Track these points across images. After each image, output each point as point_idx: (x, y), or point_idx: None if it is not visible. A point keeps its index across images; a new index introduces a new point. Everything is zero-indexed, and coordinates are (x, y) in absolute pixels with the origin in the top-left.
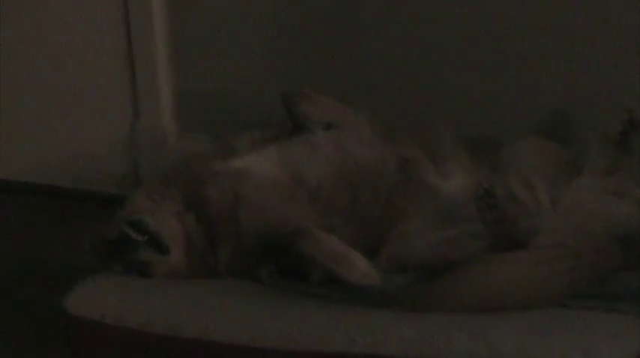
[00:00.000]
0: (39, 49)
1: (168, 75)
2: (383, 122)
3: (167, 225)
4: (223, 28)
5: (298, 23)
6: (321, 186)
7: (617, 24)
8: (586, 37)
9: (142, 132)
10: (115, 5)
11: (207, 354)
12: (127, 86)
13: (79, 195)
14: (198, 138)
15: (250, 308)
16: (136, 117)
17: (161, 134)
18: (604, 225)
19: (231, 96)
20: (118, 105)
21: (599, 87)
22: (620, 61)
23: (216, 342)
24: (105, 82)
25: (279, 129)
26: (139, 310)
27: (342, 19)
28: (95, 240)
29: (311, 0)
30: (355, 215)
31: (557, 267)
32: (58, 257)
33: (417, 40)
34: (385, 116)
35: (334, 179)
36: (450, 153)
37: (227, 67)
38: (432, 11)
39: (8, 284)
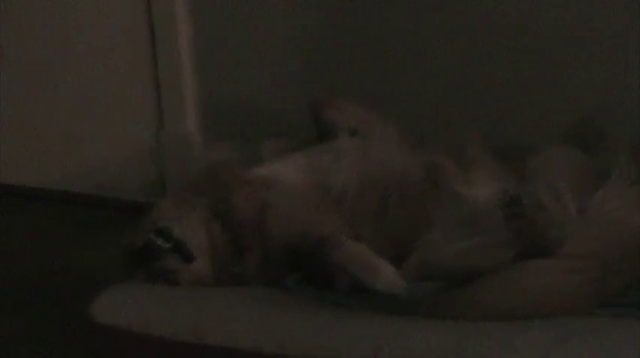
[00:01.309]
0: (64, 58)
1: (193, 83)
2: (410, 129)
3: (193, 233)
4: (248, 37)
5: (323, 31)
6: (348, 193)
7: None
8: (616, 44)
9: (167, 140)
10: (140, 13)
11: None
12: (152, 94)
13: (105, 202)
14: (224, 146)
15: (277, 316)
16: (161, 126)
17: (186, 142)
18: (631, 234)
19: (256, 104)
20: (143, 113)
21: (628, 95)
22: None
23: (243, 350)
24: (130, 90)
25: (305, 136)
26: (165, 318)
27: (367, 26)
28: (122, 248)
29: (336, 8)
30: (382, 222)
31: (584, 276)
32: (84, 265)
33: (445, 48)
34: (412, 124)
35: (361, 186)
36: (477, 161)
37: (252, 76)
38: (461, 20)
39: (34, 293)
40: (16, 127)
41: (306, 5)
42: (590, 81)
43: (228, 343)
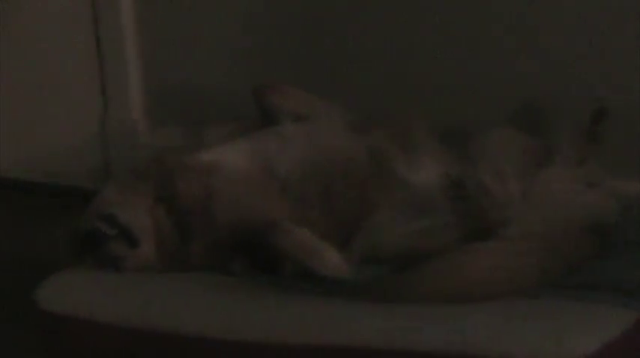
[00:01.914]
0: (6, 44)
1: (138, 68)
2: (354, 114)
3: (138, 219)
4: (193, 21)
5: (270, 15)
6: (292, 178)
7: (583, 13)
8: (555, 26)
9: (112, 126)
10: (85, 1)
11: (181, 347)
12: (97, 79)
13: (51, 189)
14: (169, 132)
15: (224, 301)
16: (105, 111)
17: (131, 128)
18: (575, 215)
19: (201, 89)
20: (87, 99)
21: (569, 76)
22: (589, 51)
23: (189, 336)
24: (74, 76)
25: (249, 122)
26: (111, 304)
27: (314, 9)
28: (67, 235)
29: None
30: (327, 207)
31: (529, 257)
32: (29, 252)
33: (390, 30)
34: (357, 108)
35: (305, 171)
36: (421, 145)
37: (197, 61)
38: (405, 3)
39: None
40: None
41: None
42: (533, 65)
43: (174, 329)
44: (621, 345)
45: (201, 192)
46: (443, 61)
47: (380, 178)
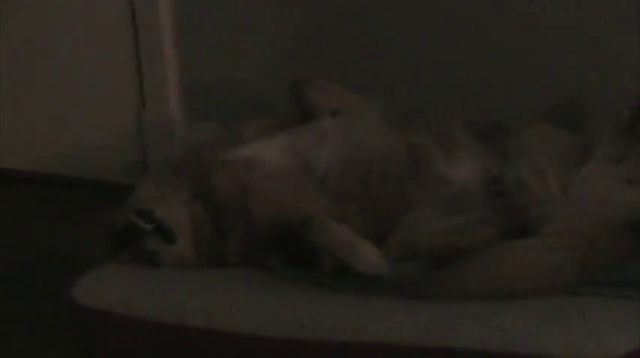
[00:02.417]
0: (44, 39)
1: (175, 63)
2: (392, 110)
3: (175, 214)
4: (230, 16)
5: (307, 11)
6: (330, 174)
7: (621, 10)
8: (593, 23)
9: (149, 121)
10: None
11: (217, 343)
12: (134, 74)
13: (88, 184)
14: (206, 127)
15: (260, 297)
16: (142, 106)
17: (168, 123)
18: (614, 212)
19: (238, 84)
20: (124, 93)
21: (609, 73)
22: (630, 47)
23: (226, 331)
24: (111, 71)
25: (287, 117)
26: (148, 299)
27: (350, 6)
28: (104, 230)
29: None
30: (365, 203)
31: (567, 254)
32: (68, 247)
33: (426, 27)
34: (395, 104)
35: (343, 167)
36: (459, 141)
37: (234, 56)
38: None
39: (18, 276)
40: None
41: None
42: (572, 61)
43: (211, 324)
44: None
45: (238, 188)
46: (480, 57)
47: (418, 174)
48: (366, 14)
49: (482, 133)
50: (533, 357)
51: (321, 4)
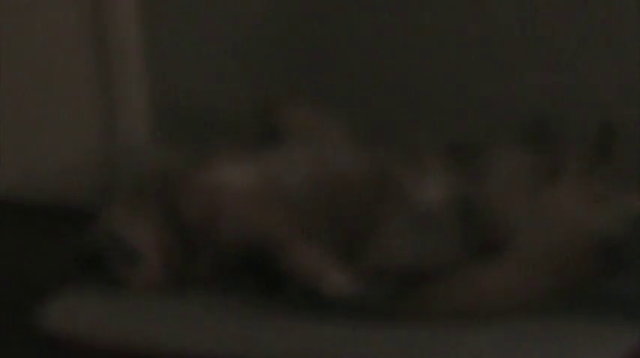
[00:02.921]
0: (8, 60)
1: (144, 86)
2: (361, 131)
3: (143, 237)
4: (200, 38)
5: (275, 34)
6: (299, 196)
7: (591, 29)
8: (565, 42)
9: (117, 144)
10: (87, 15)
11: None
12: (102, 97)
13: (55, 208)
14: (175, 149)
15: (230, 320)
16: (110, 129)
17: (136, 146)
18: (583, 231)
19: (208, 106)
20: (92, 117)
21: (577, 91)
22: (597, 65)
23: (196, 356)
24: (78, 93)
25: (256, 140)
26: (117, 323)
27: (318, 26)
28: (71, 255)
29: (288, 11)
30: (334, 225)
31: (537, 273)
32: (33, 273)
33: (397, 46)
34: (365, 125)
35: (312, 188)
36: (427, 161)
37: (204, 78)
38: (413, 16)
39: None
40: None
41: (259, 6)
42: (540, 81)
43: (180, 349)
44: None
45: (207, 211)
46: (448, 76)
47: (386, 196)
48: (338, 35)
49: (451, 153)
50: None
51: (293, 28)
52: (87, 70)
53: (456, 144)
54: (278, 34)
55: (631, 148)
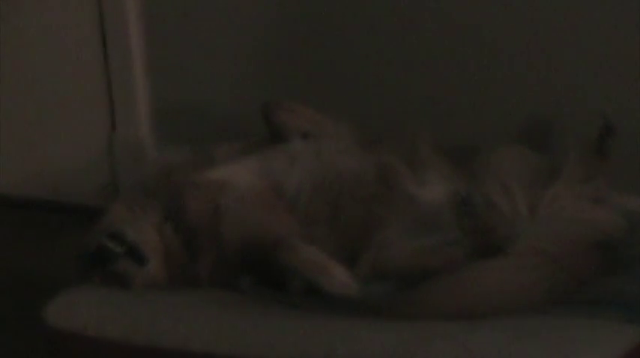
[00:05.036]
0: (14, 62)
1: (146, 86)
2: (362, 131)
3: (146, 236)
4: (201, 39)
5: (278, 34)
6: (301, 196)
7: (591, 30)
8: (563, 43)
9: (120, 143)
10: (90, 16)
11: None
12: (104, 97)
13: (58, 207)
14: (177, 149)
15: (231, 318)
16: (113, 129)
17: (139, 146)
18: (582, 231)
19: (209, 106)
20: (95, 116)
21: (576, 93)
22: (596, 68)
23: (196, 352)
24: (81, 93)
25: (258, 140)
26: (120, 321)
27: (320, 29)
28: (75, 253)
29: (290, 12)
30: (335, 224)
31: (536, 273)
32: (38, 270)
33: (396, 49)
34: (366, 126)
35: (314, 188)
36: (428, 161)
37: (205, 78)
38: (412, 20)
39: None
40: None
41: (260, 7)
42: (540, 81)
43: (182, 346)
44: None
45: (209, 210)
46: (449, 77)
47: (387, 196)
48: (337, 35)
49: (451, 154)
50: None
51: (293, 27)
52: (89, 71)
53: (457, 144)
54: (278, 33)
55: (631, 149)
